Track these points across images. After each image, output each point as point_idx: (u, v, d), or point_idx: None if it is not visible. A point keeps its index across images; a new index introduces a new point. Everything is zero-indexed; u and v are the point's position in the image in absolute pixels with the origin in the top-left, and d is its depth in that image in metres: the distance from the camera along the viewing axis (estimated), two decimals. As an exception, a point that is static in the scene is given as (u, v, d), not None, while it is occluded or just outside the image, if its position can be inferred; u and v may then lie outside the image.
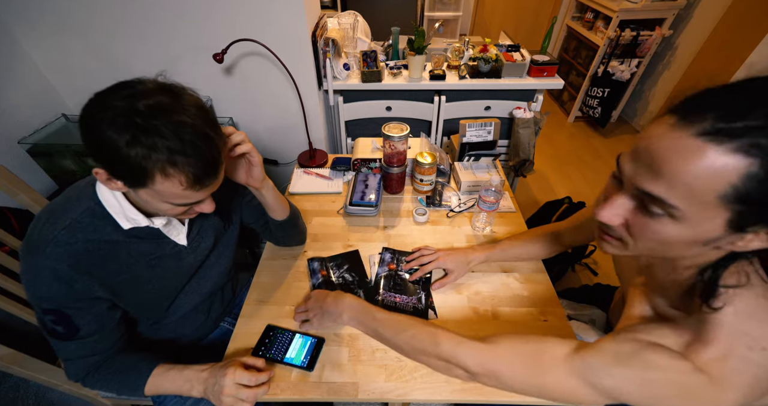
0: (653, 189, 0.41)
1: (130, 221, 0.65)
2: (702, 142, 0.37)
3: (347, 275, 0.91)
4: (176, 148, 0.53)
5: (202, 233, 0.79)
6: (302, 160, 1.36)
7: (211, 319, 0.91)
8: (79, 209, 0.63)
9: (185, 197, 0.59)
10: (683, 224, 0.41)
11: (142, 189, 0.56)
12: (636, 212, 0.45)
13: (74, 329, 0.65)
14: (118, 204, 0.63)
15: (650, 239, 0.44)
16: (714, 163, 0.36)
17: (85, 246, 0.62)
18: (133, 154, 0.51)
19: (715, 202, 0.38)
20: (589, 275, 1.77)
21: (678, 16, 2.47)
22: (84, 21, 1.29)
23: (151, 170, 0.53)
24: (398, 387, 0.70)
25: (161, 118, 0.52)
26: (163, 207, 0.61)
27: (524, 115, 1.59)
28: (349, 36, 1.68)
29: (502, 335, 0.60)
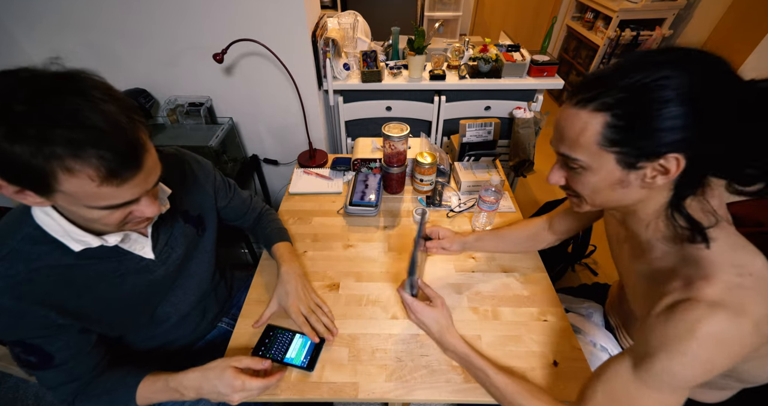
0: (563, 150, 0.56)
1: (80, 243, 0.59)
2: (577, 109, 0.52)
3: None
4: (77, 137, 0.44)
5: (171, 242, 0.74)
6: (302, 160, 1.36)
7: (207, 321, 0.91)
8: (17, 237, 0.57)
9: (108, 197, 0.50)
10: (593, 171, 0.54)
11: (55, 195, 0.48)
12: (567, 172, 0.59)
13: (47, 358, 0.61)
14: (59, 226, 0.57)
15: (584, 188, 0.58)
16: (585, 120, 0.51)
17: (29, 276, 0.57)
18: (20, 150, 0.43)
19: (598, 149, 0.51)
20: (589, 275, 1.77)
21: (678, 16, 2.47)
22: (84, 21, 1.29)
23: (49, 168, 0.45)
24: (398, 387, 0.70)
25: (51, 102, 0.44)
26: (92, 215, 0.53)
27: (524, 115, 1.59)
28: (349, 36, 1.68)
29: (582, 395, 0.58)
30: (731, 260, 0.50)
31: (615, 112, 0.49)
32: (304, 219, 1.09)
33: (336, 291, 0.88)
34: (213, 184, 0.85)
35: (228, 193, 0.91)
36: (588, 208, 0.62)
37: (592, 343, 0.81)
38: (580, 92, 0.52)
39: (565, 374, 0.71)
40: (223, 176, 0.91)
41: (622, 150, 0.50)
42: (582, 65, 2.92)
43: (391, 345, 0.77)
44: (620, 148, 0.50)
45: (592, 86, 0.51)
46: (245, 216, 0.97)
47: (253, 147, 1.68)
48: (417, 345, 0.77)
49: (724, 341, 0.46)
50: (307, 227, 1.06)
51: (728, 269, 0.49)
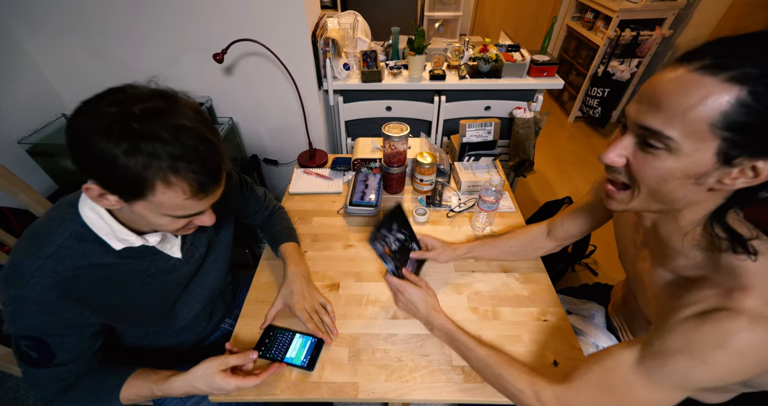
0: (652, 123, 0.45)
1: (122, 242, 0.61)
2: (700, 75, 0.41)
3: (399, 235, 0.83)
4: (178, 153, 0.49)
5: (195, 242, 0.76)
6: (302, 160, 1.36)
7: (212, 323, 0.91)
8: (64, 234, 0.58)
9: (186, 208, 0.55)
10: (678, 156, 0.44)
11: (139, 202, 0.52)
12: (636, 151, 0.49)
13: (49, 357, 0.60)
14: (106, 225, 0.59)
15: (651, 175, 0.48)
16: (709, 92, 0.41)
17: (74, 273, 0.58)
18: (132, 163, 0.48)
19: (706, 130, 0.42)
20: (589, 275, 1.77)
21: (678, 16, 2.47)
22: (84, 21, 1.29)
23: (152, 180, 0.49)
24: (398, 387, 0.70)
25: (159, 122, 0.49)
26: (160, 221, 0.56)
27: (524, 115, 1.59)
28: (349, 36, 1.68)
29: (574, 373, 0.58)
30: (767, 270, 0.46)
31: (757, 88, 0.39)
32: (304, 219, 1.09)
33: (336, 291, 0.88)
34: (230, 183, 0.86)
35: (244, 192, 0.92)
36: (635, 207, 0.53)
37: (594, 344, 0.81)
38: (706, 57, 0.42)
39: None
40: (239, 174, 0.92)
41: (736, 138, 0.41)
42: (582, 65, 2.92)
43: (391, 345, 0.77)
44: (736, 135, 0.41)
45: (727, 49, 0.41)
46: (258, 214, 0.99)
47: (253, 147, 1.68)
48: (417, 345, 0.77)
49: (756, 355, 0.43)
50: (307, 227, 1.06)
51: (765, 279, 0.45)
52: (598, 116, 2.84)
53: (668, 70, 0.45)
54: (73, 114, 0.49)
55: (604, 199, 0.57)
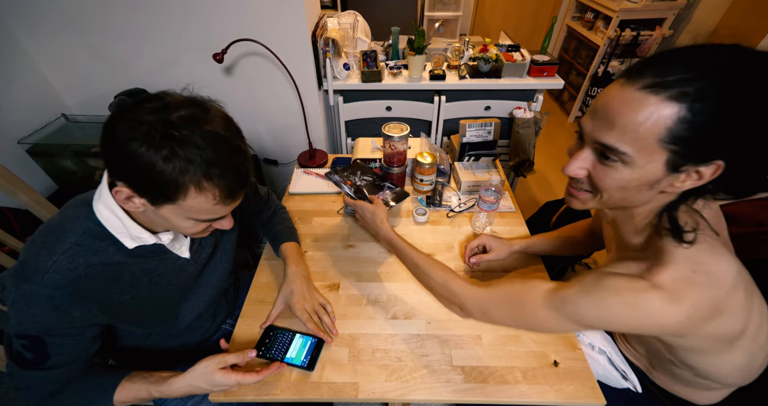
0: (607, 139, 0.49)
1: (136, 240, 0.62)
2: (644, 94, 0.45)
3: (366, 177, 1.02)
4: (212, 159, 0.51)
5: (203, 242, 0.77)
6: (302, 160, 1.36)
7: (216, 323, 0.91)
8: (78, 231, 0.59)
9: (213, 213, 0.57)
10: (633, 168, 0.49)
11: (167, 206, 0.54)
12: (596, 163, 0.53)
13: (43, 358, 0.59)
14: (121, 223, 0.60)
15: (610, 186, 0.52)
16: (653, 110, 0.45)
17: (86, 271, 0.58)
18: (170, 169, 0.49)
19: (655, 144, 0.46)
20: (589, 275, 1.77)
21: (678, 16, 2.47)
22: (84, 21, 1.29)
23: (186, 185, 0.51)
24: (398, 387, 0.70)
25: (196, 129, 0.50)
26: (183, 225, 0.58)
27: (524, 115, 1.59)
28: (349, 36, 1.68)
29: (495, 281, 0.68)
30: (693, 257, 0.51)
31: (693, 105, 0.43)
32: (304, 219, 1.09)
33: (336, 291, 0.88)
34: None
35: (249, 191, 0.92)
36: (594, 206, 0.59)
37: (590, 345, 0.81)
38: (647, 75, 0.45)
39: (565, 374, 0.71)
40: None
41: (681, 150, 0.45)
42: (582, 65, 2.92)
43: (391, 345, 0.77)
44: (681, 147, 0.45)
45: (664, 69, 0.45)
46: (260, 213, 1.00)
47: (253, 147, 1.68)
48: (417, 345, 0.77)
49: (640, 314, 0.50)
50: (307, 226, 1.06)
51: (685, 264, 0.50)
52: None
53: (616, 88, 0.48)
54: (110, 120, 0.51)
55: (567, 198, 0.62)
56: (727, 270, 0.51)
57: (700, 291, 0.49)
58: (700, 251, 0.51)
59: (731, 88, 0.42)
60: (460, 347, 0.76)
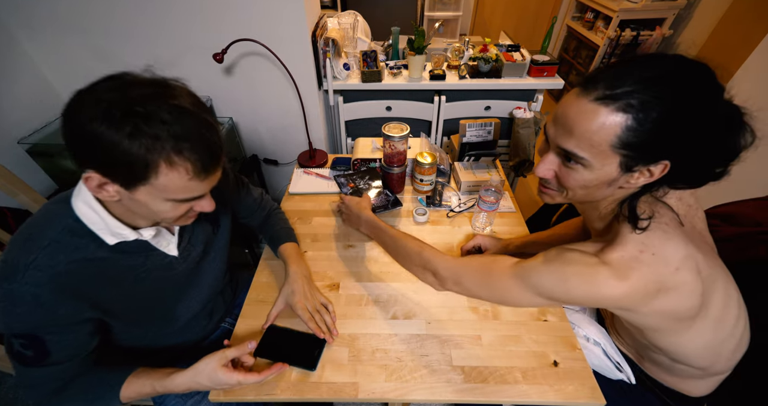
0: (567, 145, 0.55)
1: (116, 236, 0.61)
2: (596, 106, 0.50)
3: (371, 182, 1.12)
4: (180, 133, 0.50)
5: (192, 240, 0.76)
6: (302, 160, 1.36)
7: (213, 322, 0.91)
8: (57, 228, 0.58)
9: (189, 190, 0.56)
10: (592, 170, 0.55)
11: (141, 188, 0.52)
12: (560, 165, 0.59)
13: (44, 355, 0.59)
14: (100, 219, 0.59)
15: (574, 185, 0.58)
16: (605, 120, 0.50)
17: (67, 268, 0.57)
18: (136, 146, 0.48)
19: (608, 150, 0.51)
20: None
21: (678, 16, 2.47)
22: (84, 21, 1.29)
23: (155, 161, 0.49)
24: (398, 387, 0.70)
25: (160, 104, 0.49)
26: (162, 208, 0.57)
27: (524, 115, 1.59)
28: (349, 36, 1.68)
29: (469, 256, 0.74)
30: (642, 239, 0.56)
31: (638, 115, 0.48)
32: (304, 219, 1.09)
33: (336, 291, 0.88)
34: (227, 182, 0.86)
35: (240, 191, 0.93)
36: (560, 200, 0.65)
37: (585, 337, 0.82)
38: (599, 87, 0.51)
39: (565, 374, 0.72)
40: (236, 174, 0.93)
41: (631, 154, 0.51)
42: (582, 65, 2.92)
43: (391, 345, 0.77)
44: (630, 151, 0.51)
45: (613, 82, 0.50)
46: (254, 214, 0.99)
47: (253, 147, 1.68)
48: (417, 345, 0.77)
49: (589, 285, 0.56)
50: (307, 226, 1.06)
51: (634, 245, 0.56)
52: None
53: (573, 97, 0.54)
54: (69, 105, 0.49)
55: (539, 194, 0.68)
56: (674, 253, 0.56)
57: (643, 269, 0.54)
58: (651, 235, 0.56)
59: (672, 98, 0.48)
60: (460, 347, 0.76)
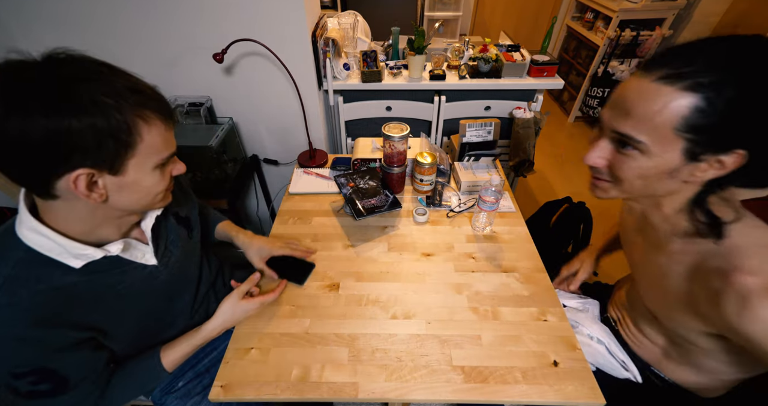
0: (623, 128, 0.50)
1: (80, 258, 0.56)
2: (659, 85, 0.47)
3: (371, 182, 1.10)
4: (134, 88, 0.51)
5: (169, 245, 0.74)
6: (302, 160, 1.36)
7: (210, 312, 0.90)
8: (9, 264, 0.53)
9: (167, 143, 0.56)
10: (650, 156, 0.50)
11: (130, 162, 0.51)
12: (614, 153, 0.54)
13: (63, 382, 0.58)
14: (55, 244, 0.54)
15: (629, 174, 0.53)
16: (669, 100, 0.46)
17: (35, 301, 0.53)
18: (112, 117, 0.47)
19: (671, 133, 0.47)
20: (589, 275, 1.77)
21: (678, 16, 2.47)
22: (83, 21, 1.29)
23: (134, 121, 0.50)
24: (398, 387, 0.70)
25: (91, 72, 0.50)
26: (152, 180, 0.56)
27: (524, 115, 1.59)
28: (349, 36, 1.68)
29: None
30: (755, 241, 0.50)
31: (709, 95, 0.44)
32: (304, 219, 1.09)
33: (336, 291, 0.88)
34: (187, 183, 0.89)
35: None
36: (616, 195, 0.59)
37: (589, 336, 0.82)
38: (665, 66, 0.47)
39: (565, 374, 0.71)
40: None
41: (698, 138, 0.46)
42: (582, 65, 2.92)
43: (391, 345, 0.77)
44: (697, 136, 0.46)
45: (681, 61, 0.46)
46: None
47: (253, 147, 1.68)
48: (417, 345, 0.77)
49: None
50: (307, 226, 1.06)
51: (756, 250, 0.49)
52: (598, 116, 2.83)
53: (633, 79, 0.50)
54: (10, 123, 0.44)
55: (590, 189, 0.63)
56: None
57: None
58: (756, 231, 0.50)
59: (752, 79, 0.43)
60: (460, 347, 0.76)
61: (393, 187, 1.16)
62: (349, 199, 1.04)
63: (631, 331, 0.83)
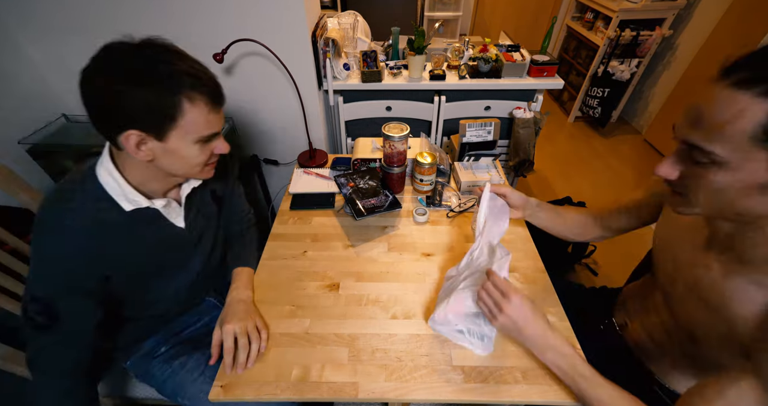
0: (693, 138, 0.47)
1: (132, 203, 0.67)
2: (733, 91, 0.43)
3: (371, 182, 1.10)
4: (192, 72, 0.59)
5: (200, 215, 0.83)
6: (302, 160, 1.36)
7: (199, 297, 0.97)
8: (84, 193, 0.65)
9: (210, 124, 0.63)
10: (728, 169, 0.45)
11: (172, 133, 0.60)
12: (689, 165, 0.50)
13: (53, 319, 0.66)
14: (118, 186, 0.66)
15: (705, 188, 0.48)
16: (743, 106, 0.42)
17: (89, 230, 0.64)
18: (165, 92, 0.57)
19: (748, 143, 0.42)
20: (589, 275, 1.77)
21: (678, 16, 2.47)
22: (84, 21, 1.29)
23: (180, 100, 0.58)
24: (398, 387, 0.70)
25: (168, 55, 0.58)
26: (192, 152, 0.64)
27: (524, 115, 1.59)
28: (349, 36, 1.68)
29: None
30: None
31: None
32: (304, 219, 1.09)
33: (336, 291, 0.88)
34: (234, 174, 0.97)
35: (236, 189, 1.00)
36: (695, 212, 0.52)
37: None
38: (741, 70, 0.43)
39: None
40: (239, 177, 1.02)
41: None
42: (582, 65, 2.92)
43: (391, 345, 0.77)
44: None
45: (757, 64, 0.42)
46: (233, 223, 1.00)
47: (253, 147, 1.68)
48: (417, 345, 0.77)
49: None
50: (307, 227, 1.06)
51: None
52: (598, 116, 2.84)
53: (708, 85, 0.46)
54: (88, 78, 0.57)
55: (667, 202, 0.57)
56: None
57: None
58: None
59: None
60: (460, 347, 0.76)
61: (393, 187, 1.16)
62: (349, 199, 1.04)
63: (640, 338, 0.81)
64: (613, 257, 1.82)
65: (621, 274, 0.80)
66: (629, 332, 0.84)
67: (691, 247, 0.65)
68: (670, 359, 0.75)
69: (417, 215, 1.06)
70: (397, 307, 0.85)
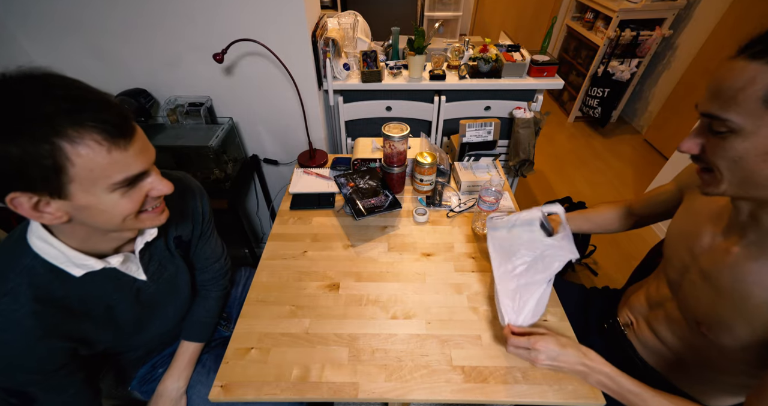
0: (711, 109, 0.49)
1: (82, 267, 0.58)
2: (745, 62, 0.46)
3: (371, 182, 1.10)
4: (67, 106, 0.44)
5: (163, 262, 0.75)
6: (302, 160, 1.36)
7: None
8: (17, 270, 0.55)
9: (120, 165, 0.49)
10: (745, 136, 0.47)
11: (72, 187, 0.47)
12: (709, 137, 0.52)
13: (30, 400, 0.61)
14: (59, 252, 0.56)
15: (726, 159, 0.50)
16: (755, 74, 0.44)
17: (33, 309, 0.55)
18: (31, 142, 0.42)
19: (761, 108, 0.44)
20: (589, 275, 1.77)
21: (678, 16, 2.47)
22: (84, 21, 1.29)
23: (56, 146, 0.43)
24: (398, 387, 0.70)
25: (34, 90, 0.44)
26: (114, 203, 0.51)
27: (524, 115, 1.59)
28: (349, 36, 1.68)
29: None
30: None
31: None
32: (304, 219, 1.09)
33: (336, 291, 0.88)
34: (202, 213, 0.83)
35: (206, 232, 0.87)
36: (724, 188, 0.52)
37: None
38: (757, 44, 0.46)
39: (565, 374, 0.71)
40: (212, 216, 0.88)
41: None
42: (582, 65, 2.92)
43: (391, 345, 0.77)
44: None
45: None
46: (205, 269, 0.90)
47: (253, 147, 1.68)
48: (417, 345, 0.77)
49: None
50: (307, 227, 1.06)
51: None
52: (598, 116, 2.84)
53: (725, 61, 0.49)
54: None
55: (699, 185, 0.58)
56: None
57: None
58: None
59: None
60: (460, 347, 0.76)
61: (393, 187, 1.16)
62: (349, 199, 1.04)
63: (645, 336, 0.81)
64: (613, 257, 1.83)
65: (621, 274, 0.80)
66: (633, 330, 0.85)
67: (711, 235, 0.66)
68: (676, 356, 0.76)
69: (417, 215, 1.06)
70: (397, 307, 0.85)
